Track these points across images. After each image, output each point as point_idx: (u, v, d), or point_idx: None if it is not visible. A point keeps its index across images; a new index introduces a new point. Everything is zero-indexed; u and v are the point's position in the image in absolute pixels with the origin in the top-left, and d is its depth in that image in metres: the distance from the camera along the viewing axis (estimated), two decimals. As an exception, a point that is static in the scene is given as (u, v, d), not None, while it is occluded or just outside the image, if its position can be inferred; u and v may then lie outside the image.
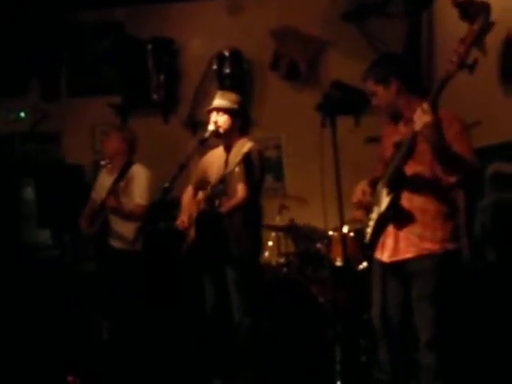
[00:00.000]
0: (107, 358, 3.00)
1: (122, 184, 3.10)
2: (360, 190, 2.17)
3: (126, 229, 3.11)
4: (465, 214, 3.31)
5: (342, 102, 4.04)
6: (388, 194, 2.03)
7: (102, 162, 3.34)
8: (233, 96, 2.77)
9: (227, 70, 4.19)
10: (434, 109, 1.84)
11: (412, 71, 2.17)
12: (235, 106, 2.71)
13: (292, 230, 3.52)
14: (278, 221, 3.58)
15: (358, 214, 2.25)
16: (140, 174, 3.15)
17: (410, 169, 2.02)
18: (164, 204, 2.60)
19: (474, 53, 1.87)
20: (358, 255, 3.07)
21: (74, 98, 4.46)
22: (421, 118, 1.84)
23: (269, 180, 4.13)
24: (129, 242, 3.04)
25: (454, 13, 3.41)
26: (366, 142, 3.76)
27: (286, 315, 3.10)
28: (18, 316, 3.38)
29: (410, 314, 2.07)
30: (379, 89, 2.09)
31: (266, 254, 3.61)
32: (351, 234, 3.13)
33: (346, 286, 2.98)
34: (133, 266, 3.08)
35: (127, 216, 3.10)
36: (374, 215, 2.10)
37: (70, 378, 2.92)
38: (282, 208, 3.62)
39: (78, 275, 3.45)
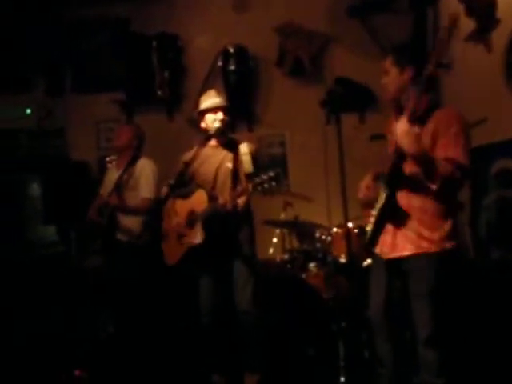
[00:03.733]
0: (113, 352, 3.02)
1: (127, 178, 3.12)
2: (365, 185, 2.18)
3: (132, 223, 3.13)
4: (469, 212, 3.30)
5: (346, 99, 4.02)
6: (384, 191, 2.05)
7: (108, 159, 3.35)
8: (221, 94, 2.84)
9: (232, 67, 4.18)
10: (413, 119, 1.89)
11: None
12: (226, 103, 2.77)
13: (296, 227, 3.52)
14: (283, 217, 3.58)
15: (367, 212, 2.24)
16: (146, 168, 3.18)
17: (409, 167, 2.01)
18: (167, 201, 2.61)
19: (450, 52, 1.92)
20: (363, 252, 3.07)
21: (78, 95, 4.47)
22: (397, 129, 1.90)
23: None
24: (135, 236, 3.06)
25: (459, 8, 3.39)
26: (371, 139, 3.74)
27: (290, 311, 3.10)
28: (25, 312, 3.41)
29: (410, 310, 2.07)
30: (394, 70, 2.09)
31: (271, 250, 3.62)
32: (355, 230, 3.13)
33: (349, 283, 2.99)
34: (138, 259, 3.10)
35: (132, 211, 3.12)
36: (375, 212, 2.11)
37: (76, 372, 2.95)
38: (287, 205, 3.62)
39: (83, 271, 3.47)
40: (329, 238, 3.28)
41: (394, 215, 2.04)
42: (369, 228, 2.14)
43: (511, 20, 3.05)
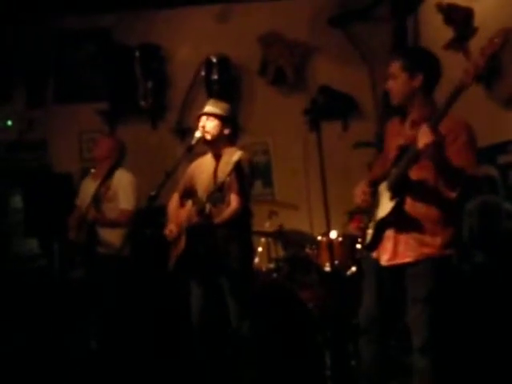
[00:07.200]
0: (96, 366, 2.97)
1: (105, 190, 3.09)
2: (360, 190, 2.15)
3: (112, 236, 3.10)
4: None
5: (330, 107, 4.05)
6: (392, 198, 2.02)
7: (93, 170, 3.32)
8: (224, 104, 2.77)
9: (215, 77, 4.19)
10: (436, 129, 1.82)
11: (438, 77, 2.06)
12: (225, 114, 2.71)
13: (281, 236, 3.52)
14: (268, 226, 3.57)
15: (353, 226, 2.23)
16: (124, 179, 3.14)
17: (415, 174, 1.99)
18: (150, 211, 2.59)
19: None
20: (347, 260, 3.07)
21: (60, 105, 4.42)
22: (422, 137, 1.82)
23: (258, 186, 4.13)
24: (116, 249, 3.02)
25: (438, 17, 3.45)
26: (354, 147, 3.76)
27: (275, 321, 3.09)
28: (6, 325, 3.34)
29: (402, 318, 2.07)
30: (402, 75, 2.01)
31: (256, 259, 3.61)
32: (339, 239, 3.13)
33: (334, 291, 2.98)
34: (119, 272, 3.06)
35: (111, 224, 3.08)
36: (376, 217, 2.09)
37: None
38: (272, 214, 3.62)
39: (66, 284, 3.42)
40: (314, 247, 3.28)
41: (397, 222, 2.02)
42: (369, 232, 2.10)
43: (488, 28, 3.10)
